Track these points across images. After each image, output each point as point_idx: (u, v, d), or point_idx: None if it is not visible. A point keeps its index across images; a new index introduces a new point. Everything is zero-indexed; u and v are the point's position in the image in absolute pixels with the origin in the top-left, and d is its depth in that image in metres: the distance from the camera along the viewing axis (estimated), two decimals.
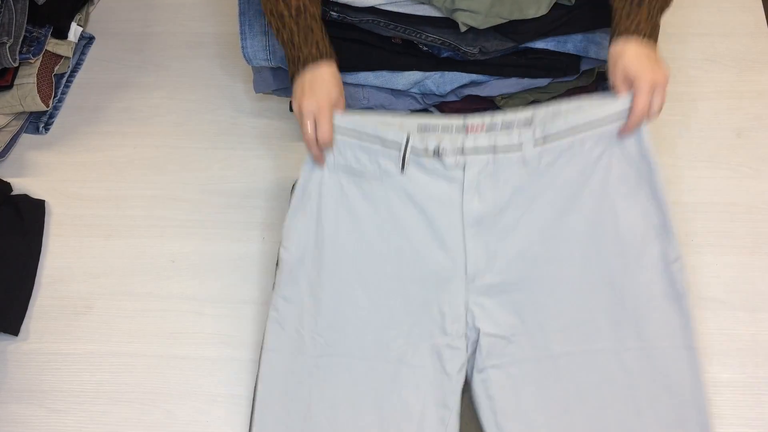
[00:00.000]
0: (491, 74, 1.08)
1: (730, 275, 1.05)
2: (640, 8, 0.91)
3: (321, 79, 0.93)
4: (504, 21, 1.00)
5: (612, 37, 0.92)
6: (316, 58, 0.93)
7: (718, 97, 1.22)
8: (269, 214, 1.15)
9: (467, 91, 1.11)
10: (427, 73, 1.09)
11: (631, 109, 0.88)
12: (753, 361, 0.98)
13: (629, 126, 0.89)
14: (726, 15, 1.31)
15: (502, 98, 1.12)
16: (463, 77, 1.09)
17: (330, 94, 0.93)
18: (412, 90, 1.11)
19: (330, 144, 0.94)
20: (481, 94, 1.11)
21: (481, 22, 1.00)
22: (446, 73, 1.09)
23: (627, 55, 0.90)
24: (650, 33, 0.91)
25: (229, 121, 1.27)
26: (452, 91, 1.10)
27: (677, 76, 1.25)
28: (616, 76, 0.91)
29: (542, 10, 0.99)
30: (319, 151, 0.94)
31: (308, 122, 0.92)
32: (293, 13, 0.94)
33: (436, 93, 1.10)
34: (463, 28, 1.01)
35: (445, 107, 1.16)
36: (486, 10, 0.99)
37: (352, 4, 1.02)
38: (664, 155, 1.16)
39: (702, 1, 1.33)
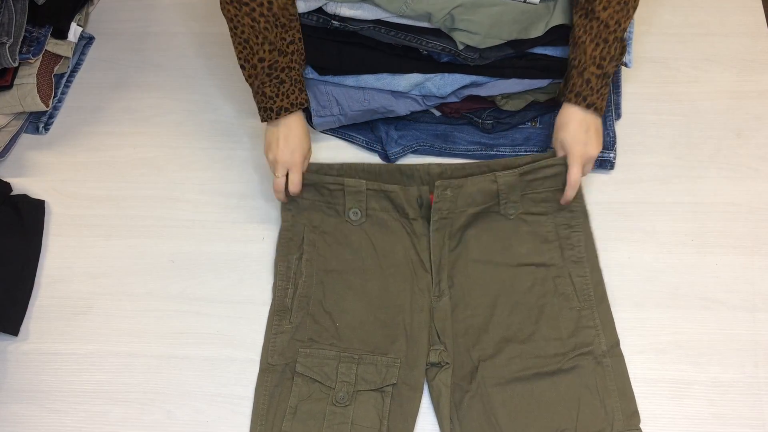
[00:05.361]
0: (491, 76, 1.09)
1: (730, 275, 1.05)
2: (590, 82, 0.97)
3: (295, 134, 1.01)
4: (502, 42, 1.02)
5: (561, 97, 0.99)
6: (288, 109, 1.00)
7: (718, 97, 1.22)
8: (269, 214, 1.15)
9: (467, 92, 1.11)
10: (428, 75, 1.09)
11: (566, 181, 0.99)
12: (753, 361, 0.98)
13: (566, 195, 1.00)
14: (726, 15, 1.31)
15: (503, 98, 1.12)
16: (464, 79, 1.09)
17: (303, 148, 1.02)
18: (413, 92, 1.11)
19: (299, 194, 1.03)
20: (482, 94, 1.11)
21: (479, 42, 1.02)
22: (447, 74, 1.09)
23: (568, 127, 0.98)
24: (598, 105, 0.97)
25: (229, 121, 1.27)
26: (453, 92, 1.11)
27: (677, 76, 1.25)
28: (556, 143, 1.01)
29: (540, 31, 1.03)
30: (284, 197, 1.04)
31: (280, 173, 1.01)
32: (266, 66, 0.99)
33: (437, 95, 1.10)
34: (461, 47, 1.03)
35: (445, 108, 1.16)
36: (485, 32, 1.01)
37: (356, 17, 1.03)
38: (664, 155, 1.16)
39: (702, 1, 1.33)
